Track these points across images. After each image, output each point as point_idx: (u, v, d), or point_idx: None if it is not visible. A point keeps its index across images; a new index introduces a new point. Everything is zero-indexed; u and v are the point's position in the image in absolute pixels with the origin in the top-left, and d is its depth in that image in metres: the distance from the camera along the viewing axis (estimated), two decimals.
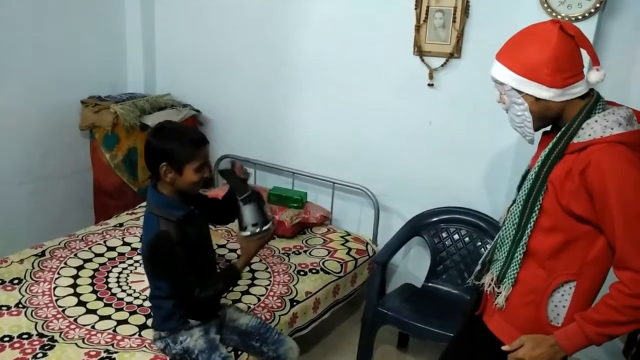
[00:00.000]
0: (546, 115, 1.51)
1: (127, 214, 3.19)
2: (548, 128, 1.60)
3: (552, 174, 1.48)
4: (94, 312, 2.27)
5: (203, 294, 1.86)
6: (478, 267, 1.74)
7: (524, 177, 1.66)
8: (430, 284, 2.85)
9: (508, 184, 2.69)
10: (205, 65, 3.62)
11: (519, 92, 1.48)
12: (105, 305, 2.32)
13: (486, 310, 1.73)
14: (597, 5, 2.28)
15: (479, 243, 2.77)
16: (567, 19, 2.33)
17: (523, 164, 2.54)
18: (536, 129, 1.56)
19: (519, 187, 1.66)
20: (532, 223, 1.52)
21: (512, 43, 1.53)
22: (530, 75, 1.45)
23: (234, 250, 2.86)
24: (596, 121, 1.42)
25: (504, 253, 1.60)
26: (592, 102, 1.47)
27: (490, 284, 1.64)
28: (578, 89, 1.46)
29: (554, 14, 2.35)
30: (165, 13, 3.68)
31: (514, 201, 1.63)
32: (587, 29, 2.31)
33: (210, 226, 2.87)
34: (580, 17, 2.32)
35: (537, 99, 1.47)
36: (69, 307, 2.29)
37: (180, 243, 1.83)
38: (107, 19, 3.58)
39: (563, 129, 1.48)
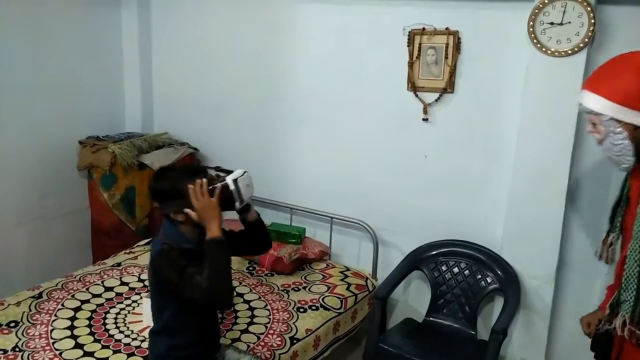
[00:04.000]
0: None
1: (124, 253, 3.17)
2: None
3: None
4: (91, 354, 2.23)
5: (204, 283, 1.68)
6: (607, 311, 1.66)
7: (615, 208, 1.65)
8: (431, 318, 2.82)
9: (504, 215, 2.70)
10: (202, 104, 3.66)
11: (618, 121, 1.49)
12: (103, 347, 2.28)
13: (624, 354, 1.65)
14: (586, 40, 2.33)
15: (479, 276, 2.76)
16: (557, 54, 2.38)
17: (518, 197, 2.61)
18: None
19: (612, 219, 1.65)
20: None
21: (604, 72, 1.53)
22: (631, 103, 1.46)
23: (241, 295, 2.78)
24: None
25: (632, 292, 1.55)
26: None
27: (624, 328, 1.57)
28: None
29: (543, 49, 2.40)
30: (162, 53, 3.75)
31: (609, 233, 1.61)
32: (577, 62, 2.38)
33: None
34: (570, 52, 2.37)
35: (636, 127, 1.48)
36: (66, 349, 2.25)
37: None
38: (104, 59, 3.63)
39: None
